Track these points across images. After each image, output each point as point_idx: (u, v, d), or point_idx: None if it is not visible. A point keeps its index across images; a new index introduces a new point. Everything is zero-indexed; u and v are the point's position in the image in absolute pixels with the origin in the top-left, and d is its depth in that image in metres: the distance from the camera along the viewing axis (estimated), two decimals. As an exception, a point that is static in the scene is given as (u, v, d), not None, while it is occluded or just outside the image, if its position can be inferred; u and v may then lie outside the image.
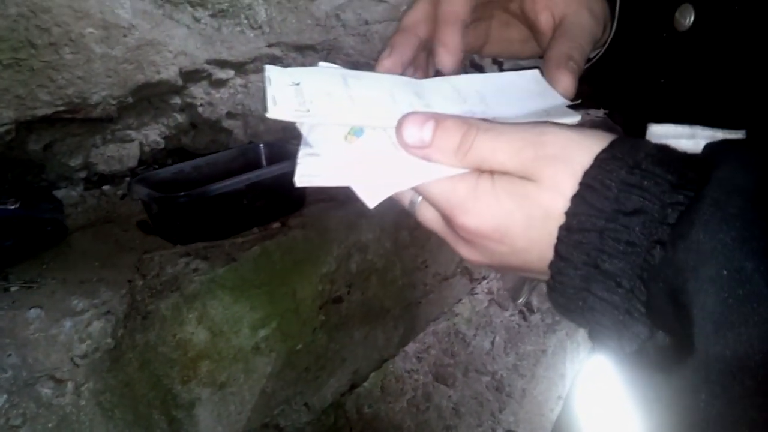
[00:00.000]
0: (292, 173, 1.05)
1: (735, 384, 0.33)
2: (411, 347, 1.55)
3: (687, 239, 0.35)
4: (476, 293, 1.81)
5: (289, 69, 0.51)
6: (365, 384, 1.37)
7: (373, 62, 0.58)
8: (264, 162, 1.14)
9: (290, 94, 0.48)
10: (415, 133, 0.44)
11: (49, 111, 0.98)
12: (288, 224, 1.04)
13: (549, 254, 0.41)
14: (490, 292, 1.89)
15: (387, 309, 1.25)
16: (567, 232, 0.40)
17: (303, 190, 1.10)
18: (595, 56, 0.67)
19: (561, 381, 2.26)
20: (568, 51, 0.55)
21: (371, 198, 0.46)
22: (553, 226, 0.41)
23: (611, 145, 0.40)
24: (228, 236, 0.98)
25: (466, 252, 0.47)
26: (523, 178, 0.42)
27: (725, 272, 0.33)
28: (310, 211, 1.10)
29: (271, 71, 0.50)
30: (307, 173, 0.47)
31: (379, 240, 1.17)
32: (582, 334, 2.32)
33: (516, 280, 1.91)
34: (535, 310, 2.06)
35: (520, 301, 1.99)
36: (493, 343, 1.92)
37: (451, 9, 0.56)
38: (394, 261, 1.23)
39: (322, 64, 0.54)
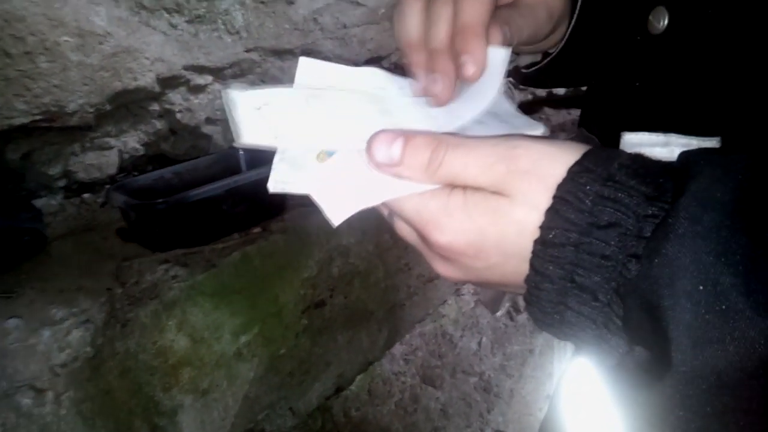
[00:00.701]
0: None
1: (714, 401, 0.33)
2: (398, 349, 1.55)
3: (662, 254, 0.34)
4: (462, 294, 1.81)
5: (248, 91, 0.49)
6: (352, 387, 1.37)
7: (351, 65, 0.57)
8: (244, 167, 1.13)
9: (256, 119, 0.48)
10: (384, 151, 0.43)
11: (26, 120, 0.97)
12: (269, 229, 1.04)
13: (524, 268, 0.41)
14: (476, 292, 1.89)
15: (371, 312, 1.25)
16: (542, 246, 0.39)
17: (283, 195, 1.10)
18: (554, 53, 0.67)
19: (549, 380, 2.27)
20: (507, 18, 0.54)
21: (336, 215, 0.46)
22: (527, 241, 0.40)
23: (584, 157, 0.39)
24: (208, 242, 0.98)
25: (442, 268, 0.46)
26: (496, 193, 0.41)
27: (701, 287, 0.33)
28: (290, 216, 1.10)
29: (231, 95, 0.48)
30: (281, 180, 0.47)
31: (361, 243, 1.17)
32: (568, 332, 2.32)
33: (494, 293, 1.92)
34: (522, 310, 2.06)
35: (499, 313, 2.00)
36: (480, 343, 1.93)
37: (470, 18, 0.50)
38: (376, 264, 1.23)
39: (302, 59, 0.53)
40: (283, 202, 1.11)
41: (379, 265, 1.24)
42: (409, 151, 0.43)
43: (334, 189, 0.46)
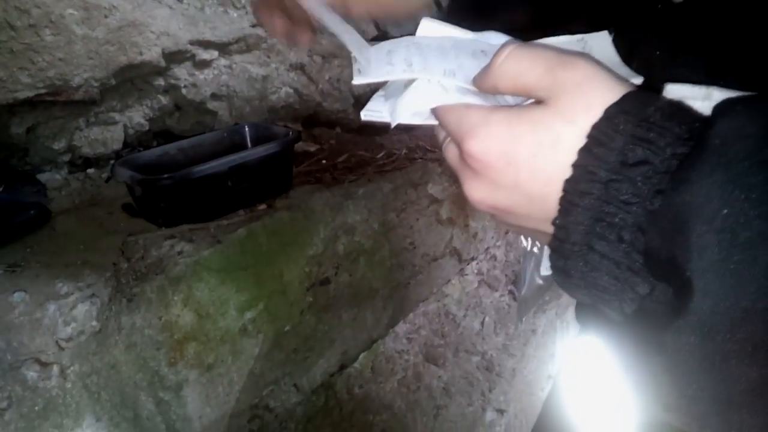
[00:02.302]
0: (277, 155, 1.05)
1: (737, 331, 0.33)
2: (401, 328, 1.55)
3: (687, 182, 0.34)
4: (466, 274, 1.81)
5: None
6: (355, 365, 1.38)
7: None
8: (249, 144, 1.13)
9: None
10: None
11: (30, 93, 0.97)
12: (274, 206, 1.04)
13: (551, 194, 0.41)
14: (480, 273, 1.89)
15: (375, 290, 1.25)
16: (572, 183, 0.40)
17: (289, 171, 1.10)
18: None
19: (551, 360, 2.28)
20: None
21: (396, 117, 0.51)
22: (559, 157, 0.40)
23: (622, 99, 0.40)
24: (213, 218, 0.98)
25: (471, 187, 0.46)
26: (542, 103, 0.42)
27: (725, 212, 0.33)
28: (296, 193, 1.10)
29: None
30: (372, 108, 0.54)
31: (366, 221, 1.17)
32: (571, 313, 2.33)
33: (527, 296, 1.93)
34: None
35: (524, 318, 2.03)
36: (483, 323, 1.93)
37: None
38: (381, 242, 1.23)
39: (424, 19, 0.57)
40: (288, 180, 1.10)
41: (385, 243, 1.23)
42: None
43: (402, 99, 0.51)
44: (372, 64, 0.51)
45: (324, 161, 1.28)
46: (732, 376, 0.34)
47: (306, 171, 1.23)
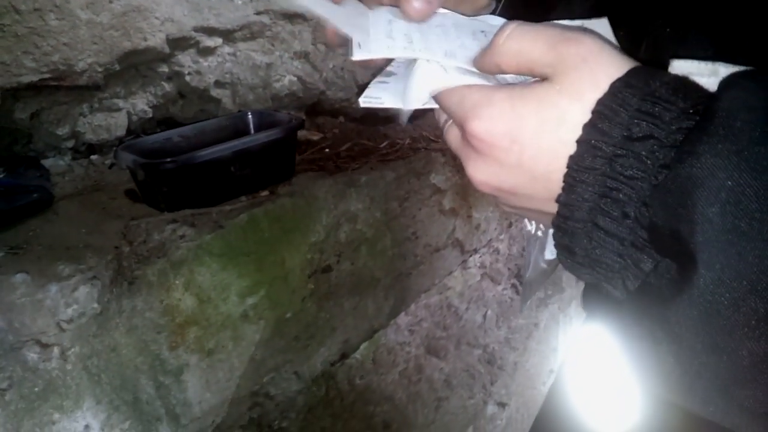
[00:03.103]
0: (280, 141, 1.05)
1: (743, 306, 0.32)
2: (403, 320, 1.55)
3: (692, 154, 0.34)
4: (469, 267, 1.81)
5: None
6: (357, 356, 1.38)
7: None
8: (252, 131, 1.13)
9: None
10: None
11: (34, 78, 0.97)
12: (277, 193, 1.04)
13: (555, 172, 0.41)
14: (482, 266, 1.89)
15: (377, 279, 1.25)
16: (576, 159, 0.39)
17: (292, 158, 1.09)
18: None
19: (553, 354, 2.27)
20: None
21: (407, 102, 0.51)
22: (564, 135, 0.40)
23: (627, 74, 0.39)
24: (215, 204, 0.98)
25: (474, 168, 0.46)
26: (546, 79, 0.41)
27: (731, 187, 0.32)
28: (299, 180, 1.09)
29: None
30: (371, 95, 0.54)
31: (368, 210, 1.17)
32: (574, 307, 2.33)
33: (529, 284, 1.92)
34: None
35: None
36: (485, 316, 1.93)
37: None
38: (384, 231, 1.23)
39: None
40: (291, 167, 1.10)
41: (387, 232, 1.23)
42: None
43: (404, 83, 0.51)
44: (371, 37, 0.50)
45: (327, 150, 1.28)
46: (736, 350, 0.33)
47: (309, 159, 1.22)
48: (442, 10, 0.56)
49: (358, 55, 0.49)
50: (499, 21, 0.56)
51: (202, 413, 0.94)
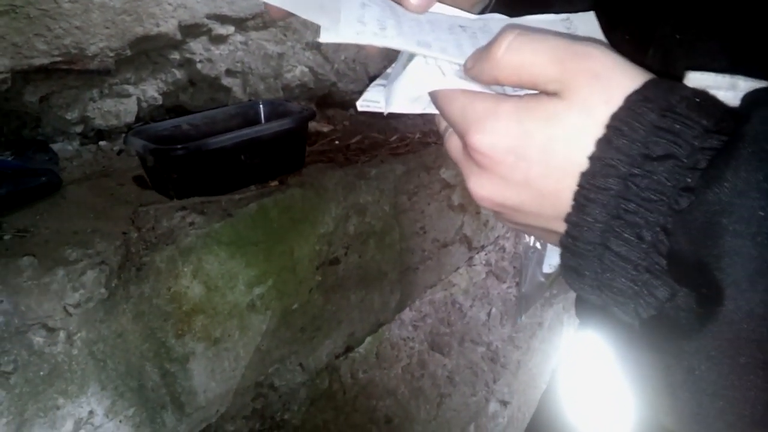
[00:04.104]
0: (291, 131, 1.04)
1: None
2: (407, 315, 1.55)
3: (721, 179, 0.32)
4: (474, 264, 1.80)
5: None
6: (360, 350, 1.37)
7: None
8: (263, 120, 1.12)
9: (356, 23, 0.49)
10: None
11: (45, 61, 0.96)
12: (286, 183, 1.03)
13: (565, 191, 0.39)
14: (488, 264, 1.88)
15: (384, 273, 1.24)
16: (589, 177, 0.37)
17: (302, 149, 1.09)
18: None
19: (556, 354, 2.27)
20: None
21: (392, 106, 0.49)
22: (574, 154, 0.38)
23: (644, 86, 0.37)
24: (225, 192, 0.97)
25: (476, 183, 0.43)
26: (554, 94, 0.39)
27: (763, 217, 0.30)
28: (309, 171, 1.09)
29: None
30: (369, 99, 0.53)
31: (378, 203, 1.16)
32: (579, 308, 2.32)
33: (527, 292, 1.92)
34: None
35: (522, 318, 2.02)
36: (489, 314, 1.92)
37: None
38: (392, 225, 1.22)
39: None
40: (301, 158, 1.09)
41: (395, 226, 1.23)
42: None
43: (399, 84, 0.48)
44: (342, 21, 0.47)
45: (337, 142, 1.27)
46: (764, 389, 0.32)
47: (319, 151, 1.22)
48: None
49: (324, 37, 0.46)
50: (473, 17, 0.55)
51: (206, 402, 0.93)
